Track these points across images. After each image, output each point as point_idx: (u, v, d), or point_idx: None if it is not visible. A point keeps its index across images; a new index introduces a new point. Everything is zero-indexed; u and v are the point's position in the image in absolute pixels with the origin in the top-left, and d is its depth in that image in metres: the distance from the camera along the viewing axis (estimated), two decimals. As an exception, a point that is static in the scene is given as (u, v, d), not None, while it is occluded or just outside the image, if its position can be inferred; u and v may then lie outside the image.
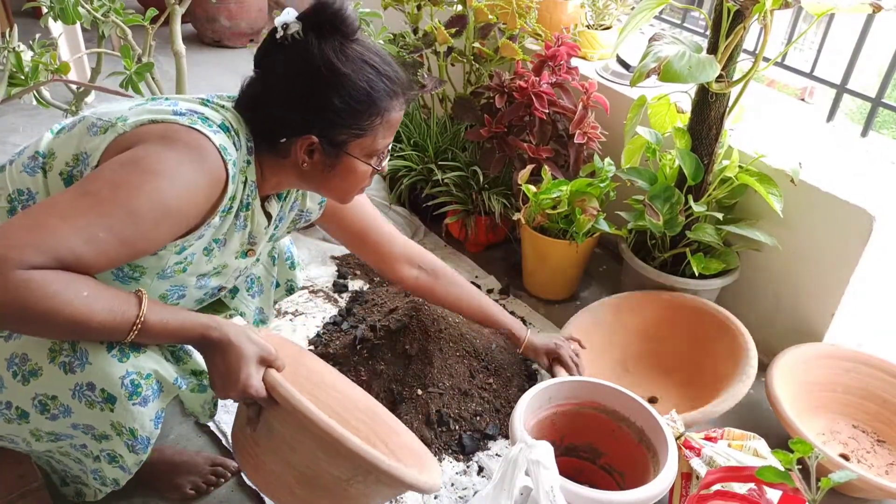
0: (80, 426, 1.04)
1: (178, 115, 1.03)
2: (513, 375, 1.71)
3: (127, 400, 1.01)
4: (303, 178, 1.16)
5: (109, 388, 1.00)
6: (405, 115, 2.29)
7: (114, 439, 1.05)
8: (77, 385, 1.00)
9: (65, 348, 1.00)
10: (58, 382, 1.00)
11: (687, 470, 1.29)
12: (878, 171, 1.80)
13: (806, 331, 1.78)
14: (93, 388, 1.00)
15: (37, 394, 1.01)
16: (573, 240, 1.86)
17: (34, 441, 1.07)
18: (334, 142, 1.10)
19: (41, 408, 1.02)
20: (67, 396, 1.01)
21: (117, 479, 1.13)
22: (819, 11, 1.47)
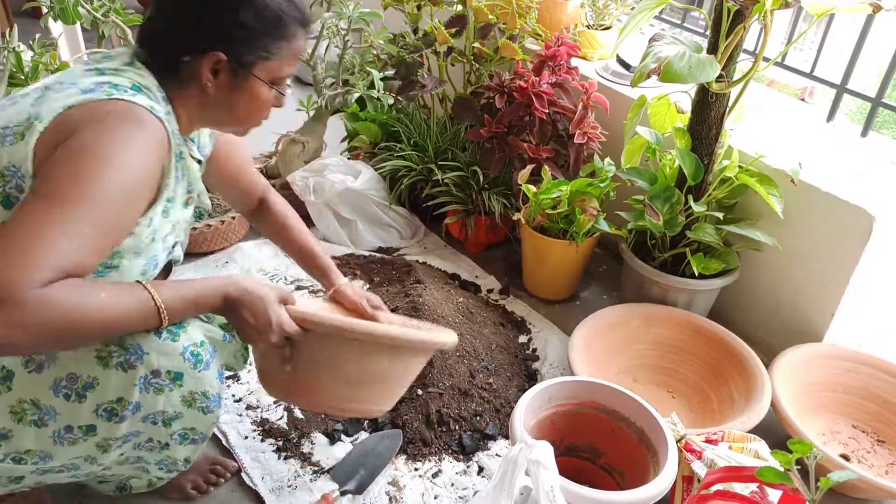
0: (149, 417, 1.07)
1: (89, 92, 0.97)
2: (513, 375, 1.71)
3: (193, 370, 1.06)
4: (206, 106, 1.12)
5: (174, 367, 1.04)
6: (405, 115, 2.29)
7: (184, 414, 1.09)
8: (141, 378, 1.02)
9: (114, 351, 1.01)
10: (120, 383, 1.01)
11: (688, 473, 1.29)
12: (878, 171, 1.80)
13: (806, 331, 1.78)
14: (158, 374, 1.04)
15: (98, 405, 1.02)
16: (573, 240, 1.86)
17: (101, 454, 1.07)
18: (242, 61, 1.08)
19: (108, 415, 1.03)
20: (134, 393, 1.03)
21: (188, 456, 1.18)
22: (819, 11, 1.47)
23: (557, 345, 1.84)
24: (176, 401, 1.07)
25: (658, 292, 1.82)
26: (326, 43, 2.17)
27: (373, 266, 2.08)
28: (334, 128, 2.47)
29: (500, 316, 1.92)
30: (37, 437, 1.01)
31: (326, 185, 2.10)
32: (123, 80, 1.02)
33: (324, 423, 1.56)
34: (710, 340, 1.73)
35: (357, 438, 1.54)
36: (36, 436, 1.01)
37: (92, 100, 0.96)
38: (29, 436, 1.01)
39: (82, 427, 1.03)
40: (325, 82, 2.18)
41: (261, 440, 1.51)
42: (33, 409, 1.00)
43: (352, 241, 2.18)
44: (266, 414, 1.58)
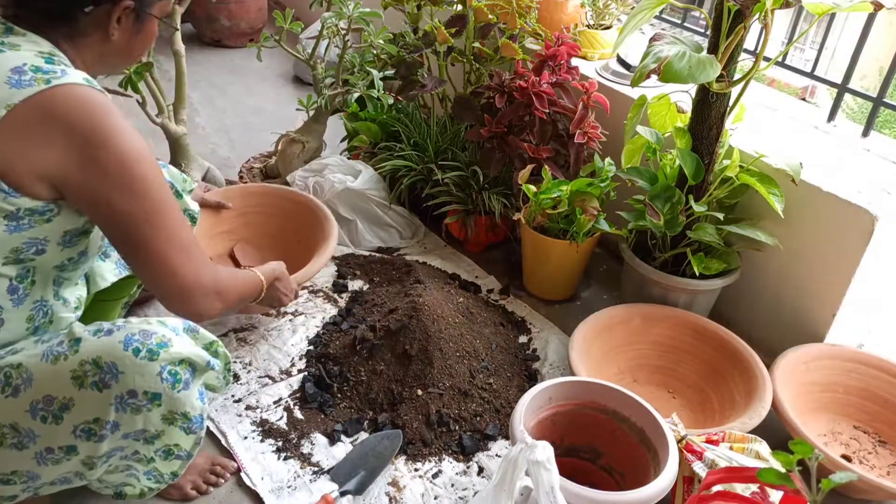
0: (130, 435, 1.05)
1: (20, 85, 0.96)
2: (513, 375, 1.71)
3: (171, 390, 1.04)
4: (105, 53, 1.10)
5: (151, 387, 1.03)
6: (405, 115, 2.29)
7: (167, 432, 1.08)
8: (117, 398, 1.01)
9: (88, 370, 0.99)
10: (95, 404, 1.00)
11: (689, 473, 1.29)
12: (879, 170, 1.80)
13: (807, 331, 1.78)
14: (134, 395, 1.02)
15: (75, 426, 1.01)
16: (573, 240, 1.86)
17: (88, 471, 1.07)
18: (145, 3, 1.09)
19: (87, 435, 1.02)
20: (110, 412, 1.01)
21: (175, 471, 1.17)
22: (819, 11, 1.46)
23: (557, 345, 1.83)
24: (156, 420, 1.06)
25: (658, 292, 1.82)
26: (326, 43, 2.17)
27: (373, 266, 2.08)
28: (334, 128, 2.47)
29: (501, 316, 1.91)
30: (19, 459, 1.01)
31: (326, 184, 2.10)
32: (26, 55, 0.99)
33: (323, 424, 1.56)
34: (710, 341, 1.72)
35: (357, 438, 1.54)
36: (18, 458, 1.01)
37: (33, 94, 0.95)
38: (12, 459, 1.01)
39: (63, 448, 1.02)
40: (324, 82, 2.18)
41: (260, 440, 1.51)
42: (12, 433, 1.00)
43: (352, 241, 2.18)
44: (266, 414, 1.57)
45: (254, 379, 1.67)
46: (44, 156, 0.96)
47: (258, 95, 3.24)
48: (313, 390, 1.62)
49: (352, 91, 2.15)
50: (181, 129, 2.06)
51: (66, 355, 1.00)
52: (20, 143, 0.95)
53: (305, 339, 1.79)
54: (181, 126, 2.06)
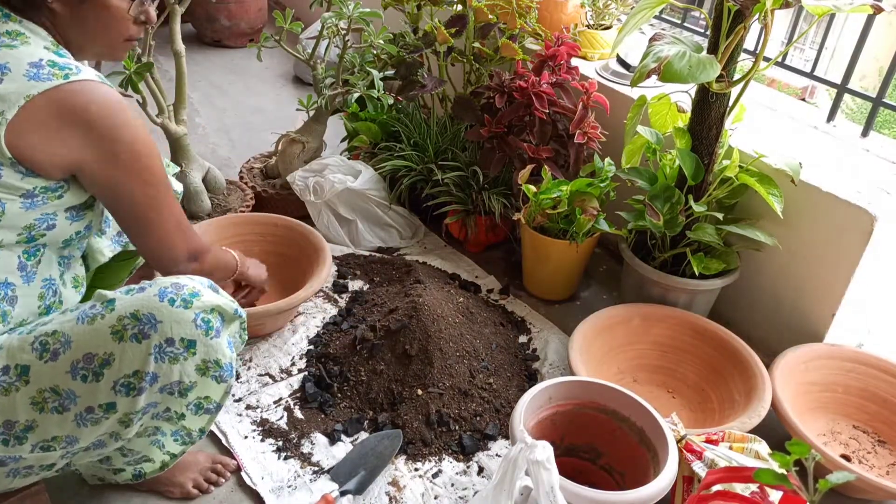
0: (166, 388, 1.08)
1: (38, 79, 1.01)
2: (513, 375, 1.71)
3: (205, 336, 1.08)
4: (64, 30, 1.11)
5: (187, 334, 1.06)
6: (405, 115, 2.29)
7: (199, 383, 1.10)
8: (156, 347, 1.04)
9: (127, 323, 1.03)
10: (136, 355, 1.03)
11: (688, 473, 1.29)
12: (878, 171, 1.80)
13: (806, 331, 1.78)
14: (172, 343, 1.05)
15: (115, 381, 1.03)
16: (573, 240, 1.86)
17: (123, 429, 1.10)
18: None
19: (126, 390, 1.04)
20: (150, 363, 1.04)
21: (203, 427, 1.20)
22: (819, 12, 1.46)
23: (557, 345, 1.83)
24: (191, 370, 1.08)
25: (658, 292, 1.82)
26: (326, 43, 2.17)
27: (373, 266, 2.08)
28: (334, 128, 2.47)
29: (501, 316, 1.91)
30: (60, 422, 1.04)
31: (326, 185, 2.10)
32: (38, 49, 1.05)
33: (324, 424, 1.56)
34: (710, 340, 1.72)
35: (357, 438, 1.54)
36: (59, 422, 1.04)
37: (52, 87, 1.01)
38: (53, 423, 1.04)
39: (102, 406, 1.05)
40: (324, 82, 2.18)
41: (260, 440, 1.51)
42: (53, 396, 1.02)
43: (352, 241, 2.18)
44: (266, 414, 1.58)
45: (254, 378, 1.67)
46: (63, 146, 1.03)
47: (258, 95, 3.24)
48: (313, 390, 1.62)
49: (352, 91, 2.15)
50: (181, 129, 2.06)
51: (103, 314, 1.03)
52: (39, 133, 1.01)
53: (306, 338, 1.80)
54: (181, 126, 2.07)
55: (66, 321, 1.05)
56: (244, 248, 1.93)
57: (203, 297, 1.08)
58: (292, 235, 1.93)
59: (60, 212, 1.11)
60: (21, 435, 1.03)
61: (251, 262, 1.54)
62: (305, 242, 1.90)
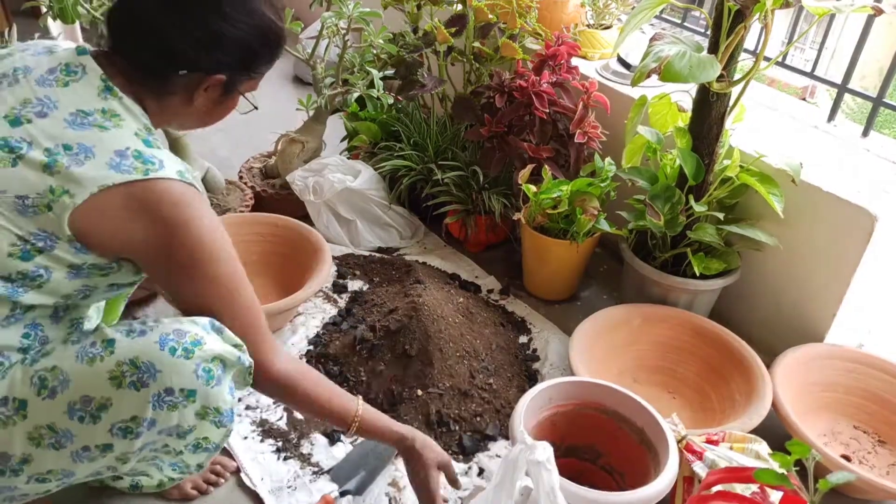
0: (164, 430, 1.06)
1: (118, 169, 0.99)
2: (513, 376, 1.71)
3: (205, 386, 1.06)
4: (183, 115, 1.14)
5: (187, 384, 1.04)
6: (405, 115, 2.29)
7: (198, 427, 1.09)
8: (154, 396, 1.02)
9: (126, 370, 1.01)
10: (134, 402, 1.01)
11: (689, 473, 1.29)
12: (879, 170, 1.80)
13: (807, 331, 1.78)
14: (171, 392, 1.03)
15: (112, 424, 1.02)
16: (573, 240, 1.86)
17: (121, 465, 1.09)
18: (236, 82, 1.13)
19: (123, 434, 1.03)
20: (148, 410, 1.02)
21: (201, 462, 1.19)
22: (820, 12, 1.46)
23: (558, 345, 1.83)
24: (190, 416, 1.07)
25: (659, 292, 1.82)
26: (326, 42, 2.17)
27: (373, 266, 2.08)
28: (334, 127, 2.47)
29: (501, 316, 1.91)
30: (56, 458, 1.02)
31: (326, 184, 2.10)
32: (129, 136, 1.03)
33: (323, 424, 1.56)
34: (710, 341, 1.72)
35: (357, 439, 1.54)
36: (56, 457, 1.02)
37: (130, 181, 0.98)
38: (49, 458, 1.02)
39: (99, 446, 1.03)
40: (324, 82, 2.18)
41: (260, 441, 1.51)
42: (50, 433, 1.01)
43: (351, 241, 2.18)
44: (265, 414, 1.57)
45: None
46: (123, 237, 1.01)
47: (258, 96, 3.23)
48: (313, 390, 1.62)
49: (352, 91, 2.15)
50: (181, 128, 2.06)
51: (102, 356, 1.01)
52: (105, 220, 0.99)
53: (305, 338, 1.79)
54: (181, 126, 2.06)
55: (66, 356, 1.02)
56: (244, 248, 1.93)
57: (205, 345, 1.05)
58: (292, 235, 1.93)
59: (101, 285, 1.09)
60: (17, 468, 1.02)
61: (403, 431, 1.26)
62: (305, 242, 1.90)
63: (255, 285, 1.85)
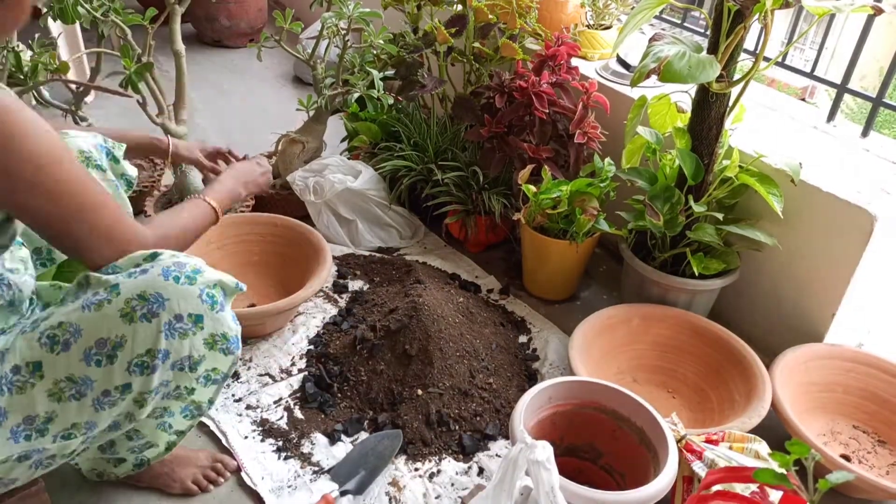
0: (177, 364, 1.10)
1: None
2: (513, 375, 1.71)
3: (211, 311, 1.10)
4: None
5: (194, 309, 1.08)
6: (405, 115, 2.29)
7: (208, 356, 1.13)
8: (166, 324, 1.06)
9: (135, 305, 1.03)
10: (147, 335, 1.04)
11: (688, 473, 1.29)
12: (878, 171, 1.80)
13: (806, 331, 1.78)
14: (181, 319, 1.07)
15: (129, 362, 1.05)
16: (573, 240, 1.86)
17: (138, 409, 1.11)
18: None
19: (140, 370, 1.06)
20: (161, 341, 1.06)
21: (212, 398, 1.22)
22: (820, 12, 1.46)
23: (557, 345, 1.83)
24: (199, 344, 1.11)
25: (658, 292, 1.82)
26: (326, 43, 2.17)
27: (373, 266, 2.08)
28: (334, 128, 2.47)
29: (500, 316, 1.91)
30: (79, 409, 1.05)
31: (326, 185, 2.10)
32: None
33: (324, 424, 1.56)
34: (710, 340, 1.72)
35: (357, 438, 1.54)
36: (78, 408, 1.05)
37: None
38: (72, 411, 1.05)
39: (118, 387, 1.06)
40: (324, 82, 2.18)
41: (260, 440, 1.51)
42: (70, 385, 1.04)
43: (352, 241, 2.18)
44: (266, 414, 1.58)
45: (254, 378, 1.67)
46: None
47: (258, 95, 3.24)
48: (313, 390, 1.62)
49: (352, 91, 2.15)
50: (182, 129, 2.06)
51: (109, 299, 1.03)
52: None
53: (306, 338, 1.80)
54: (182, 126, 2.06)
55: (70, 311, 1.04)
56: (244, 248, 1.94)
57: (205, 273, 1.10)
58: (292, 235, 1.93)
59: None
60: (42, 427, 1.05)
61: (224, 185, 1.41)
62: (305, 242, 1.90)
63: (256, 285, 1.87)
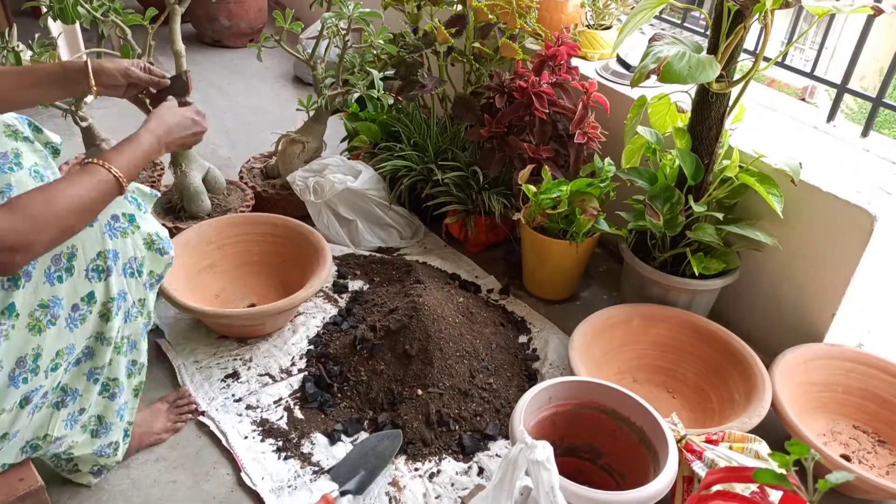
0: (126, 267, 1.20)
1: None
2: (513, 375, 1.71)
3: (139, 210, 1.23)
4: None
5: (126, 210, 1.20)
6: (405, 115, 2.29)
7: (148, 258, 1.25)
8: (107, 225, 1.16)
9: None
10: (93, 238, 1.14)
11: (688, 473, 1.29)
12: (878, 171, 1.80)
13: (806, 331, 1.78)
14: (117, 219, 1.18)
15: (86, 269, 1.14)
16: (573, 240, 1.86)
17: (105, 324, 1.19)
18: None
19: (97, 274, 1.15)
20: (107, 241, 1.15)
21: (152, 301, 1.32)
22: (819, 12, 1.46)
23: (557, 345, 1.83)
24: (139, 243, 1.22)
25: (658, 292, 1.82)
26: (326, 43, 2.17)
27: (373, 266, 2.08)
28: (334, 128, 2.47)
29: (500, 316, 1.92)
30: (57, 334, 1.11)
31: (326, 185, 2.10)
32: None
33: (324, 424, 1.56)
34: (710, 340, 1.73)
35: (357, 438, 1.54)
36: (56, 334, 1.11)
37: None
38: (51, 338, 1.11)
39: (84, 298, 1.14)
40: (325, 82, 2.18)
41: (260, 440, 1.51)
42: (43, 311, 1.09)
43: (352, 241, 2.18)
44: (266, 414, 1.58)
45: (254, 378, 1.67)
46: None
47: (258, 95, 3.24)
48: (313, 390, 1.62)
49: (352, 91, 2.15)
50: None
51: None
52: None
53: (306, 338, 1.80)
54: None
55: None
56: (244, 248, 1.94)
57: None
58: (293, 235, 1.93)
59: None
60: (34, 366, 1.10)
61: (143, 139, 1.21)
62: (305, 243, 1.90)
63: (256, 285, 1.87)
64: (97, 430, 1.31)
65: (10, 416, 1.11)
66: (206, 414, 1.57)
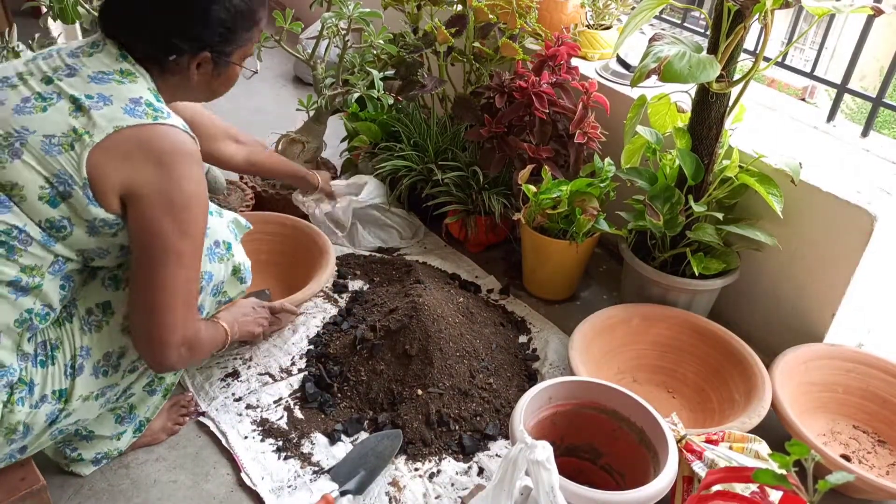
0: (213, 290, 1.32)
1: (132, 113, 1.12)
2: (513, 375, 1.71)
3: (235, 240, 1.37)
4: (187, 90, 1.26)
5: (224, 238, 1.33)
6: (405, 115, 2.29)
7: (227, 283, 1.36)
8: (208, 249, 1.28)
9: None
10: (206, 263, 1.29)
11: (688, 473, 1.29)
12: (878, 171, 1.80)
13: (806, 331, 1.78)
14: (218, 245, 1.31)
15: None
16: (573, 240, 1.86)
17: None
18: (224, 55, 1.24)
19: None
20: (206, 263, 1.27)
21: None
22: (819, 12, 1.46)
23: (557, 345, 1.83)
24: (229, 269, 1.34)
25: (658, 292, 1.82)
26: (326, 43, 2.17)
27: (373, 266, 2.08)
28: (334, 128, 2.47)
29: (501, 316, 1.92)
30: None
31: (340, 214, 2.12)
32: (142, 89, 1.16)
33: (324, 423, 1.56)
34: (710, 340, 1.73)
35: (357, 438, 1.54)
36: None
37: (141, 124, 1.12)
38: None
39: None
40: (325, 82, 2.18)
41: (261, 440, 1.51)
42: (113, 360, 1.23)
43: (352, 241, 2.18)
44: (266, 414, 1.58)
45: (254, 377, 1.67)
46: (129, 172, 1.11)
47: (258, 95, 3.24)
48: (313, 390, 1.62)
49: (352, 91, 2.15)
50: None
51: None
52: (115, 159, 1.10)
53: (306, 338, 1.80)
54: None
55: None
56: (254, 246, 1.93)
57: (223, 211, 1.37)
58: (300, 237, 1.93)
59: (114, 250, 1.20)
60: (116, 363, 1.22)
61: (232, 315, 1.45)
62: (311, 244, 1.90)
63: (261, 283, 1.87)
64: (123, 417, 1.38)
65: (81, 405, 1.20)
66: (206, 414, 1.56)
